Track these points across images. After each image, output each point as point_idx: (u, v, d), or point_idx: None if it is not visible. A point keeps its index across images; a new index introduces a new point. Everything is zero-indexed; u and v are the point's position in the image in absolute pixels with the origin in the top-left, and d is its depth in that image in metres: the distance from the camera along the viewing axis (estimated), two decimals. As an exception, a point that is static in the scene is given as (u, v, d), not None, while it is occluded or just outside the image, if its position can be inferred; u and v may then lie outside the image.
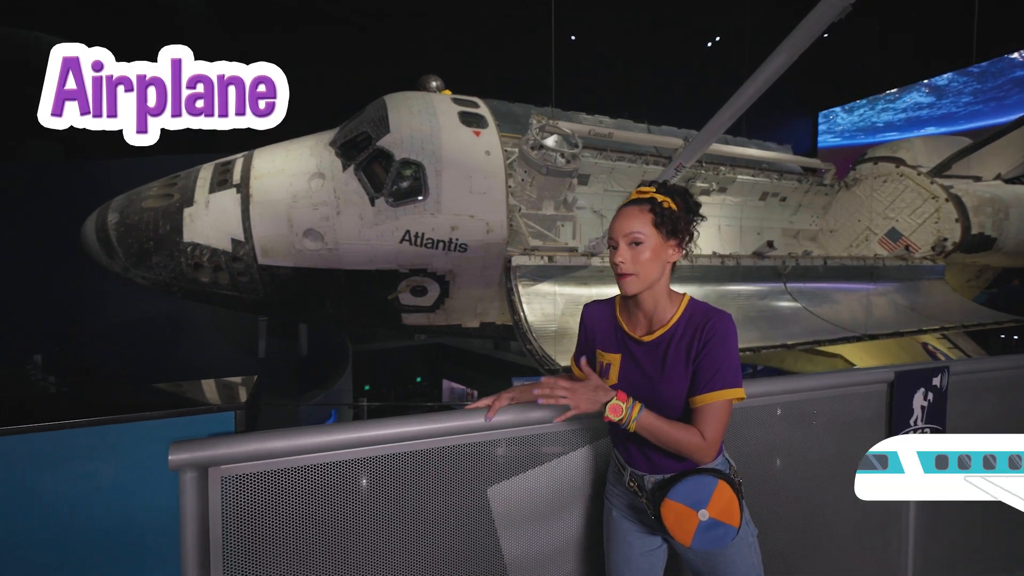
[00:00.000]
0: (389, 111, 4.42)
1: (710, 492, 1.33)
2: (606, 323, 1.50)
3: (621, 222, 1.38)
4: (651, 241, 1.36)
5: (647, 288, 1.38)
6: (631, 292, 1.38)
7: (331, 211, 4.21)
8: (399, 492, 1.45)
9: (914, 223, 6.89)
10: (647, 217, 1.36)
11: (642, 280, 1.37)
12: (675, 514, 1.34)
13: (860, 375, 2.12)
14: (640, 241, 1.35)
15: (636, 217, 1.36)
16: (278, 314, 5.27)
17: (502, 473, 1.56)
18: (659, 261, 1.37)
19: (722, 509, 1.33)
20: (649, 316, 1.42)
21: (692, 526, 1.32)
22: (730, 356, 1.33)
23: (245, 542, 1.30)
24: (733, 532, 1.33)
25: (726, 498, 1.33)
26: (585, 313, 1.57)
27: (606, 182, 6.03)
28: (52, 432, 1.34)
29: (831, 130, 16.45)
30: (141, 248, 4.15)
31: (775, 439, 1.93)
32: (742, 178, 6.70)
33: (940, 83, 13.86)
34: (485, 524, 1.54)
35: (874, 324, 5.92)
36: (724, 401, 1.32)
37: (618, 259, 1.36)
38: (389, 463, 1.43)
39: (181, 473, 1.25)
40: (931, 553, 2.22)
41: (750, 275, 5.73)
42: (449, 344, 11.69)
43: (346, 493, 1.39)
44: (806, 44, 3.24)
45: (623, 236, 1.37)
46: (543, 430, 1.61)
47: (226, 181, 4.32)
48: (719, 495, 1.33)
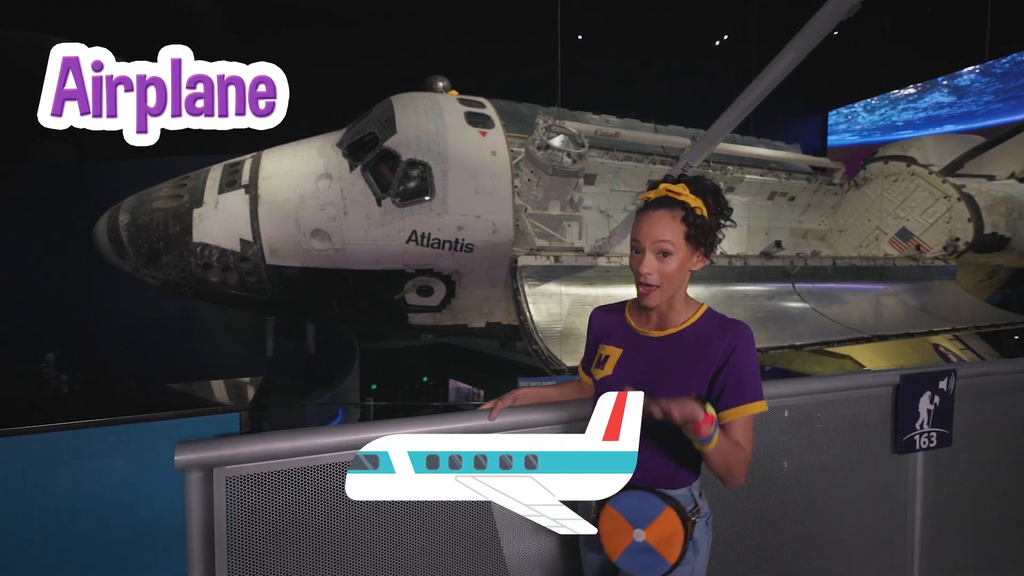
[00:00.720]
0: (396, 112, 4.44)
1: (653, 516, 1.24)
2: (614, 324, 1.45)
3: (651, 228, 1.26)
4: (680, 253, 1.26)
5: (668, 298, 1.32)
6: (653, 304, 1.31)
7: (338, 211, 4.24)
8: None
9: (925, 223, 6.81)
10: (679, 228, 1.25)
11: (665, 292, 1.29)
12: (611, 523, 1.26)
13: (865, 378, 2.11)
14: (670, 252, 1.25)
15: (668, 225, 1.25)
16: (286, 314, 5.31)
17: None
18: (684, 271, 1.29)
19: (661, 538, 1.23)
20: (662, 316, 1.36)
21: (624, 542, 1.24)
22: (754, 368, 1.29)
23: (249, 542, 1.32)
24: (665, 566, 1.23)
25: (669, 529, 1.24)
26: (593, 317, 1.51)
27: (613, 182, 6.01)
28: (62, 432, 1.36)
29: (850, 129, 16.36)
30: (152, 248, 4.19)
31: (780, 442, 1.92)
32: (750, 177, 6.65)
33: (962, 83, 13.71)
34: (487, 525, 1.55)
35: (884, 325, 5.85)
36: (753, 415, 1.27)
37: (644, 269, 1.27)
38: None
39: (187, 473, 1.27)
40: (938, 557, 2.20)
41: (758, 275, 5.69)
42: (456, 344, 11.71)
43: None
44: (814, 43, 3.20)
45: (651, 243, 1.26)
46: (542, 432, 1.61)
47: (235, 182, 4.36)
48: (662, 522, 1.24)
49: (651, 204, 1.30)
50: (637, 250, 1.29)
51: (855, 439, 2.04)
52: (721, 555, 1.81)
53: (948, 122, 13.95)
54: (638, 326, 1.39)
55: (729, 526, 1.83)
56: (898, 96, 15.10)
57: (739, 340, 1.28)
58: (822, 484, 2.00)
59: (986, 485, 2.30)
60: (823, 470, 1.99)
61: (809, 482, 1.98)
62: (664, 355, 1.33)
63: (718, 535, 1.79)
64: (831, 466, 2.00)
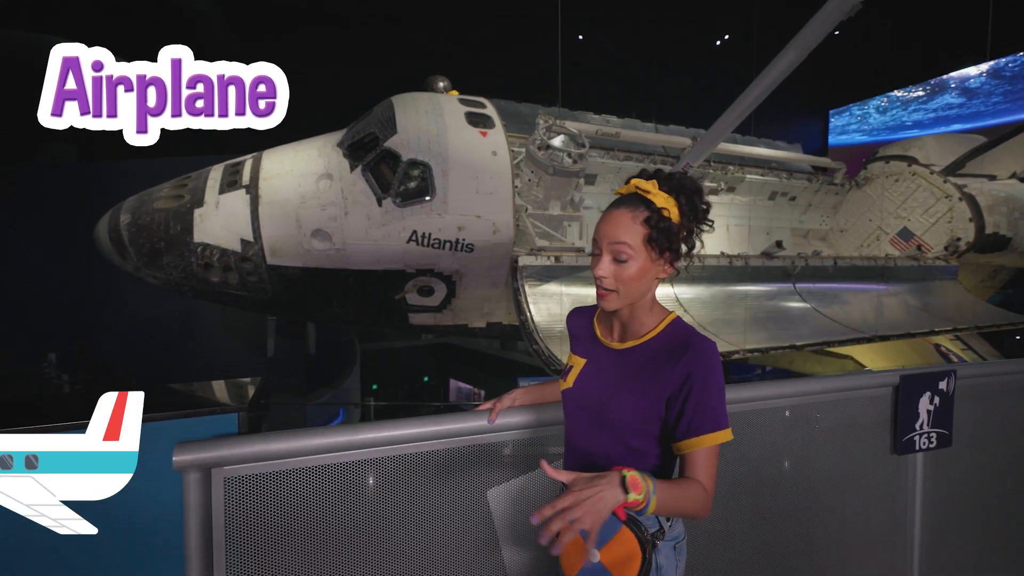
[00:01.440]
0: (396, 112, 4.44)
1: (608, 535, 1.14)
2: (585, 328, 1.36)
3: (608, 228, 1.16)
4: (639, 259, 1.15)
5: (629, 304, 1.21)
6: (611, 308, 1.20)
7: (339, 211, 4.24)
8: (400, 493, 1.46)
9: (926, 222, 6.80)
10: (639, 230, 1.13)
11: (623, 298, 1.18)
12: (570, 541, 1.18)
13: (865, 379, 2.11)
14: (626, 257, 1.14)
15: (626, 226, 1.14)
16: (286, 314, 5.31)
17: (502, 475, 1.57)
18: (646, 279, 1.17)
19: (615, 560, 1.14)
20: (624, 325, 1.25)
21: (579, 561, 1.14)
22: (718, 392, 1.15)
23: (248, 542, 1.32)
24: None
25: (625, 550, 1.14)
26: (568, 321, 1.42)
27: (613, 182, 6.00)
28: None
29: (860, 128, 16.42)
30: (153, 248, 4.20)
31: (780, 443, 1.92)
32: (751, 177, 6.65)
33: (972, 85, 13.73)
34: (485, 526, 1.55)
35: (885, 325, 5.84)
36: (716, 446, 1.13)
37: (598, 272, 1.16)
38: (388, 464, 1.44)
39: (185, 474, 1.27)
40: (938, 558, 2.20)
41: (759, 275, 5.68)
42: (456, 344, 11.72)
43: (346, 494, 1.41)
44: (815, 43, 3.20)
45: (607, 244, 1.16)
46: (542, 432, 1.61)
47: (235, 182, 4.37)
48: (617, 543, 1.14)
49: (617, 201, 1.19)
50: (596, 252, 1.18)
51: (855, 440, 2.04)
52: (721, 554, 1.81)
53: (957, 122, 13.99)
54: (602, 335, 1.30)
55: (728, 525, 1.83)
56: (908, 97, 15.14)
57: (697, 361, 1.12)
58: (822, 484, 2.00)
59: (986, 486, 2.30)
60: (823, 470, 1.99)
61: (809, 482, 1.98)
62: (619, 372, 1.22)
63: (715, 535, 1.79)
64: (831, 466, 2.00)
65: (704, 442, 1.12)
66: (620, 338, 1.26)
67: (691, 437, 1.12)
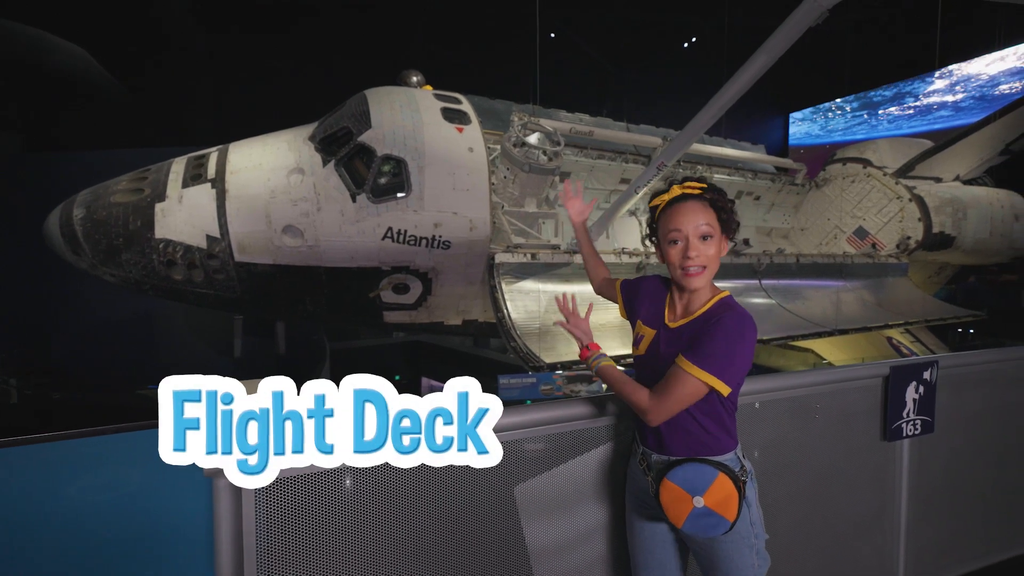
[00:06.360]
0: (371, 106, 4.35)
1: (709, 482, 1.36)
2: (658, 300, 1.55)
3: (689, 216, 1.39)
4: (717, 236, 1.41)
5: (709, 279, 1.44)
6: (699, 286, 1.42)
7: (311, 207, 4.13)
8: (431, 496, 1.46)
9: (880, 222, 7.15)
10: (711, 213, 1.41)
11: (709, 274, 1.41)
12: (671, 495, 1.38)
13: (858, 370, 2.23)
14: (710, 235, 1.39)
15: (703, 212, 1.40)
16: (256, 313, 5.14)
17: (529, 471, 1.59)
18: (720, 255, 1.43)
19: (719, 501, 1.36)
20: (686, 303, 1.47)
21: (686, 510, 1.37)
22: (727, 347, 1.34)
23: (280, 548, 1.30)
24: (726, 524, 1.36)
25: (725, 491, 1.36)
26: (645, 281, 1.63)
27: (586, 180, 6.06)
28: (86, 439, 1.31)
29: (824, 128, 17.08)
30: (110, 245, 3.99)
31: (774, 433, 2.01)
32: (718, 177, 6.82)
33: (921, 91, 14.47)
34: (514, 523, 1.57)
35: (843, 319, 6.12)
36: (694, 379, 1.32)
37: (692, 252, 1.38)
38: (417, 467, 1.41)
39: (215, 479, 1.23)
40: (921, 539, 2.34)
41: (727, 272, 5.85)
42: (428, 341, 11.60)
43: (378, 496, 1.39)
44: (785, 47, 3.31)
45: (693, 228, 1.39)
46: (569, 428, 1.65)
47: (200, 176, 4.19)
48: (718, 487, 1.36)
49: (677, 199, 1.43)
50: (676, 240, 1.41)
51: (848, 428, 2.15)
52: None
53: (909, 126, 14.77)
54: (668, 312, 1.52)
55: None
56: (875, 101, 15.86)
57: (724, 316, 1.36)
58: (817, 471, 2.10)
59: (964, 469, 2.47)
60: (818, 457, 2.10)
61: (805, 469, 2.07)
62: (674, 345, 1.44)
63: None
64: (826, 454, 2.11)
65: (684, 365, 1.34)
66: (683, 315, 1.48)
67: (681, 357, 1.36)
